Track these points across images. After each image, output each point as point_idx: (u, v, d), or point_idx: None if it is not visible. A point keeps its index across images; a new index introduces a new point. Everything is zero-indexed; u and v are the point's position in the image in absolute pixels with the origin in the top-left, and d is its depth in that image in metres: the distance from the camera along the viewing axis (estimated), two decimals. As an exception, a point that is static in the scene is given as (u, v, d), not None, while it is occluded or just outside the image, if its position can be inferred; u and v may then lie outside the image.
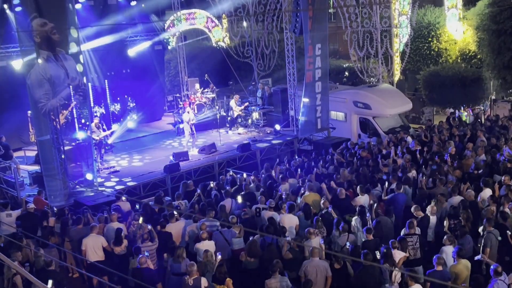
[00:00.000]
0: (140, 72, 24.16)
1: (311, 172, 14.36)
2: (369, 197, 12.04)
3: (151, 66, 24.74)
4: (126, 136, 22.28)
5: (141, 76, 24.27)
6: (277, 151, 20.00)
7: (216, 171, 18.16)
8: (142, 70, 24.23)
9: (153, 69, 24.87)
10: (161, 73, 26.11)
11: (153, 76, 24.97)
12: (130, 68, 23.92)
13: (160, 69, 25.82)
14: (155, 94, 25.35)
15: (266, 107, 23.38)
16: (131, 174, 17.44)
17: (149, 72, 24.60)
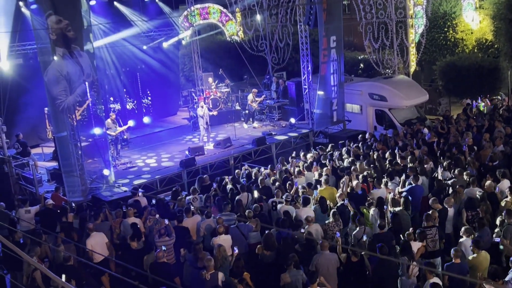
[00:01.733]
0: (155, 68, 24.25)
1: (327, 165, 14.30)
2: (385, 190, 11.96)
3: (166, 61, 24.81)
4: (142, 131, 22.40)
5: (156, 71, 24.37)
6: (293, 144, 19.96)
7: (231, 165, 18.19)
8: (156, 65, 24.31)
9: (167, 64, 24.95)
10: (175, 68, 26.19)
11: (167, 71, 25.06)
12: (144, 64, 24.02)
13: (174, 64, 25.90)
14: (170, 89, 25.46)
15: (281, 100, 23.31)
16: (148, 169, 17.55)
17: (163, 67, 24.68)
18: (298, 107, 22.12)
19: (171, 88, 25.60)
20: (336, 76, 19.96)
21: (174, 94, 26.26)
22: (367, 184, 12.58)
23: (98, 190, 15.42)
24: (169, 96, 25.45)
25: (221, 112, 23.02)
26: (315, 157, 15.78)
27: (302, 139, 20.47)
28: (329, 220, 10.74)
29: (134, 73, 23.74)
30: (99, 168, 16.10)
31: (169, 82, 25.30)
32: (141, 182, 16.23)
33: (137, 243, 10.88)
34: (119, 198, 14.47)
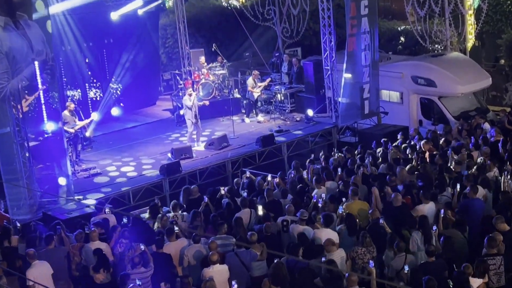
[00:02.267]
0: (126, 43, 24.24)
1: (355, 172, 14.27)
2: (435, 205, 11.93)
3: (142, 34, 24.81)
4: (110, 127, 22.42)
5: (128, 47, 24.34)
6: (310, 144, 19.93)
7: (229, 172, 18.16)
8: (129, 39, 24.29)
9: (144, 38, 24.94)
10: (154, 43, 26.19)
11: (144, 48, 24.99)
12: (113, 38, 24.03)
13: (153, 38, 25.90)
14: (147, 71, 25.41)
15: (295, 86, 23.25)
16: (117, 177, 17.56)
17: (139, 42, 24.65)
18: (318, 95, 22.08)
19: (149, 70, 25.57)
20: (368, 54, 19.89)
21: (153, 78, 26.28)
22: (411, 197, 12.53)
23: (52, 205, 15.41)
24: (146, 80, 25.44)
25: (215, 101, 23.00)
26: (340, 162, 15.74)
27: (323, 137, 20.40)
28: (359, 245, 10.72)
29: (100, 50, 23.74)
30: (52, 176, 16.10)
31: (146, 62, 25.25)
32: (108, 194, 16.22)
33: (103, 275, 10.87)
34: (79, 216, 14.47)
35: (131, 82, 24.55)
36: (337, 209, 12.29)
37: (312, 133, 20.22)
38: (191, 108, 19.40)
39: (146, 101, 25.89)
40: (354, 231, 11.39)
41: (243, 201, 13.07)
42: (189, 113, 19.52)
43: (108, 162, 19.02)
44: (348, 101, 20.15)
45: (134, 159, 19.11)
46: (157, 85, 26.92)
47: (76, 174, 17.47)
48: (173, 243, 11.47)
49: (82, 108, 20.39)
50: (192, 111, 19.41)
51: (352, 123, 20.66)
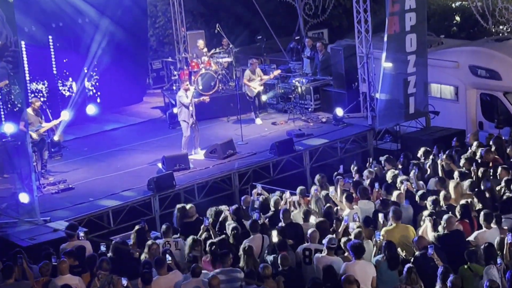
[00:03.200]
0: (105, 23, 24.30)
1: (397, 188, 14.25)
2: (498, 231, 11.89)
3: (124, 12, 24.86)
4: (85, 130, 22.48)
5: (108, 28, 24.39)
6: (339, 153, 19.95)
7: (235, 188, 18.20)
8: (108, 18, 24.35)
9: (127, 17, 24.98)
10: (141, 24, 26.22)
11: (127, 29, 25.05)
12: (88, 16, 24.10)
13: (139, 16, 25.93)
14: (132, 58, 25.47)
15: (320, 78, 23.26)
16: (94, 193, 17.57)
17: (120, 21, 24.70)
18: (349, 90, 22.10)
19: (134, 57, 25.64)
20: (414, 37, 19.93)
21: (139, 68, 26.36)
22: (469, 221, 12.51)
23: (11, 229, 15.44)
24: (130, 70, 25.48)
25: (218, 97, 23.09)
26: (377, 175, 15.71)
27: (356, 143, 20.42)
28: (402, 281, 10.69)
29: (72, 32, 23.83)
30: (12, 192, 16.14)
31: (130, 47, 25.34)
32: (83, 214, 16.24)
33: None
34: (45, 242, 14.46)
35: (111, 73, 24.61)
36: (373, 235, 12.23)
37: (342, 138, 20.22)
38: (188, 107, 19.37)
39: (130, 97, 26.00)
40: (396, 263, 11.33)
41: (254, 224, 13.01)
42: (185, 112, 19.45)
43: (82, 174, 19.04)
44: (389, 97, 20.14)
45: (115, 170, 19.14)
46: (144, 76, 27.03)
47: (41, 189, 17.45)
48: (164, 278, 11.41)
49: (49, 105, 20.47)
50: (189, 110, 19.38)
51: (393, 126, 20.65)
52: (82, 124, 22.60)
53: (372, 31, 20.76)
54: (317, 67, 23.60)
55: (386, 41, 19.83)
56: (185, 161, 18.65)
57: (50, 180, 18.23)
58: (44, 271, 12.02)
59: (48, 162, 18.77)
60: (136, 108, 25.57)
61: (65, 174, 18.86)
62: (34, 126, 17.73)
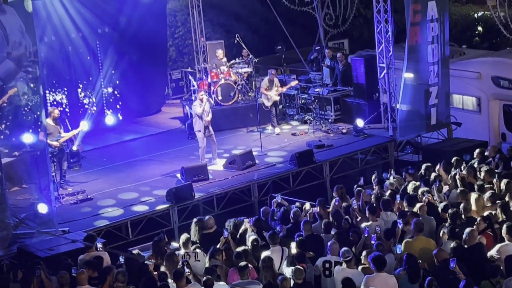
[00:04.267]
0: (125, 33, 24.40)
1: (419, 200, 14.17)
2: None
3: (145, 22, 24.93)
4: (104, 140, 22.56)
5: (128, 38, 24.50)
6: (360, 164, 19.91)
7: (255, 199, 18.18)
8: (128, 28, 24.45)
9: (147, 27, 25.05)
10: (161, 34, 26.28)
11: (147, 39, 25.15)
12: (108, 26, 24.20)
13: (159, 27, 25.99)
14: (151, 68, 25.52)
15: (340, 88, 23.21)
16: (112, 204, 17.62)
17: (140, 31, 24.79)
18: (370, 100, 22.04)
19: (153, 67, 25.69)
20: (436, 48, 19.87)
21: (158, 78, 26.43)
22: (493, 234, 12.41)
23: (29, 239, 15.47)
24: (150, 80, 25.55)
25: (238, 107, 23.11)
26: (398, 187, 15.66)
27: (377, 154, 20.38)
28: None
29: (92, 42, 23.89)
30: (30, 202, 16.18)
31: (150, 57, 25.40)
32: (101, 225, 16.29)
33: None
34: (64, 253, 14.45)
35: (130, 83, 24.73)
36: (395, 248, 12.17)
37: (363, 149, 20.17)
38: (201, 117, 19.35)
39: (149, 107, 26.07)
40: (417, 277, 11.26)
41: (273, 236, 12.97)
42: (199, 122, 19.43)
43: (100, 184, 19.08)
44: (410, 108, 20.07)
45: (134, 181, 19.16)
46: (163, 86, 27.09)
47: (60, 200, 17.52)
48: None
49: (68, 115, 20.56)
50: (203, 120, 19.37)
51: (414, 137, 20.58)
52: (101, 135, 22.68)
53: (393, 42, 20.73)
54: (337, 77, 23.57)
55: (407, 52, 19.78)
56: (204, 172, 18.65)
57: (68, 190, 18.27)
58: (63, 281, 12.06)
59: (67, 172, 18.83)
60: (155, 119, 25.60)
61: (83, 185, 18.88)
62: (54, 136, 17.79)
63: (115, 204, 17.67)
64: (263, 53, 26.88)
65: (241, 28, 26.78)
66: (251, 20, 28.46)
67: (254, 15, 28.31)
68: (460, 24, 28.33)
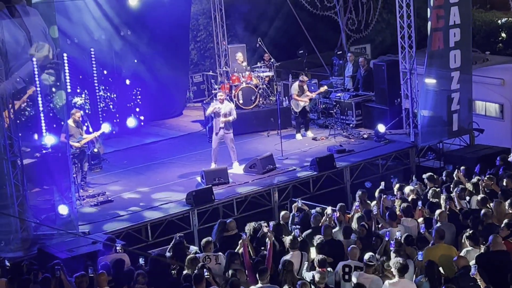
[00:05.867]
0: (147, 35, 24.47)
1: (440, 207, 14.13)
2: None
3: (167, 25, 25.00)
4: (125, 142, 22.67)
5: (150, 41, 24.58)
6: (381, 169, 19.89)
7: (275, 203, 18.18)
8: (151, 31, 24.53)
9: (169, 30, 25.12)
10: (183, 37, 26.35)
11: (169, 42, 25.23)
12: (131, 29, 24.29)
13: (181, 30, 26.07)
14: (173, 71, 25.56)
15: (362, 93, 23.23)
16: (133, 206, 17.69)
17: (163, 34, 24.86)
18: (391, 106, 22.02)
19: (175, 70, 25.73)
20: (458, 54, 19.79)
21: (180, 81, 26.47)
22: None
23: (49, 240, 15.53)
24: (171, 83, 25.64)
25: (259, 111, 23.15)
26: (419, 193, 15.61)
27: (398, 160, 20.34)
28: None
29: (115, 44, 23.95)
30: (51, 203, 16.25)
31: (172, 60, 25.46)
32: (121, 227, 16.34)
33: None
34: (83, 255, 14.54)
35: (152, 86, 24.78)
36: (415, 254, 12.13)
37: (384, 154, 20.16)
38: (214, 118, 19.35)
39: (171, 110, 26.17)
40: (438, 284, 11.22)
41: (293, 241, 12.96)
42: (214, 123, 19.54)
43: (121, 186, 19.18)
44: (432, 114, 20.02)
45: (154, 184, 19.23)
46: (184, 89, 27.15)
47: (81, 201, 17.63)
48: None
49: (90, 117, 20.62)
50: (217, 123, 19.33)
51: (436, 143, 20.51)
52: (122, 137, 22.77)
53: (416, 47, 20.68)
54: (359, 82, 23.58)
55: (429, 57, 19.73)
56: (225, 175, 18.68)
57: (89, 192, 18.36)
58: (79, 282, 12.06)
59: (87, 174, 18.89)
60: (176, 122, 25.66)
61: (104, 187, 18.99)
62: (75, 137, 17.85)
63: (135, 206, 17.73)
64: (284, 57, 26.85)
65: (263, 32, 26.76)
66: (273, 24, 28.44)
67: (276, 20, 28.29)
68: (483, 30, 28.19)
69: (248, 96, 23.13)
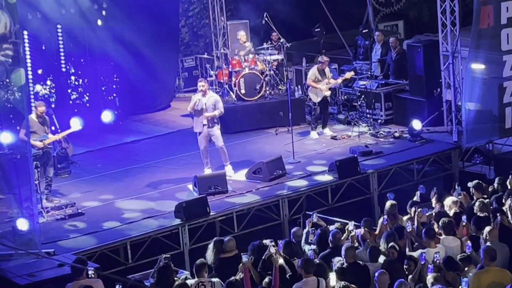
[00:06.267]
0: (126, 10, 24.48)
1: (489, 222, 14.10)
2: None
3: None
4: (100, 142, 22.73)
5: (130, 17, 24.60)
6: (416, 176, 19.91)
7: (284, 217, 18.19)
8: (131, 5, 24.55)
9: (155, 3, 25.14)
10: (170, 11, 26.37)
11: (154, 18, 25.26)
12: (106, 2, 24.29)
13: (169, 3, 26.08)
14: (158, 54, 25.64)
15: (393, 81, 23.28)
16: (108, 220, 17.63)
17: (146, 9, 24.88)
18: (429, 97, 22.06)
19: (161, 52, 25.81)
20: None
21: (167, 66, 26.54)
22: None
23: (5, 262, 15.52)
24: (157, 69, 25.66)
25: (265, 103, 23.24)
26: (463, 205, 15.58)
27: (437, 164, 20.40)
28: None
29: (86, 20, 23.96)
30: (8, 216, 16.26)
31: (157, 40, 25.51)
32: (94, 246, 16.31)
33: None
34: (47, 280, 14.57)
35: (133, 72, 24.80)
36: (458, 281, 12.11)
37: (420, 157, 20.19)
38: (195, 115, 19.33)
39: (156, 102, 26.31)
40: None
41: (307, 264, 12.92)
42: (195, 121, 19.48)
43: (94, 196, 19.15)
44: (479, 107, 20.06)
45: (135, 193, 19.23)
46: (173, 76, 27.25)
47: (44, 214, 17.58)
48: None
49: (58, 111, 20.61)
50: (200, 120, 19.27)
51: (484, 144, 20.55)
52: (95, 135, 22.82)
53: (460, 24, 20.65)
54: (389, 68, 23.57)
55: (476, 37, 19.69)
56: (222, 183, 18.65)
57: (55, 203, 18.28)
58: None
59: (53, 180, 18.86)
60: (163, 116, 25.73)
61: (73, 196, 18.94)
62: (38, 135, 17.82)
63: (111, 220, 17.66)
64: (297, 37, 26.87)
65: (271, 5, 26.72)
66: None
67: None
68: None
69: (252, 84, 23.15)
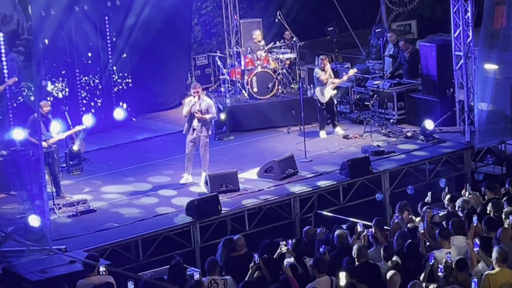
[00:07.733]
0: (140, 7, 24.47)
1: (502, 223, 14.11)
2: None
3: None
4: (111, 139, 22.76)
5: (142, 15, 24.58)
6: (428, 176, 19.89)
7: (296, 216, 18.18)
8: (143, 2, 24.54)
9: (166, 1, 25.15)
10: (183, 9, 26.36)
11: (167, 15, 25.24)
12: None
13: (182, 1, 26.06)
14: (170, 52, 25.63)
15: (405, 81, 23.24)
16: (120, 217, 17.70)
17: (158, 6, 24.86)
18: (442, 97, 22.03)
19: (173, 50, 25.82)
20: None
21: (180, 64, 26.55)
22: None
23: (17, 258, 15.59)
24: (169, 67, 25.67)
25: (277, 102, 23.25)
26: (474, 206, 15.60)
27: (449, 164, 20.37)
28: None
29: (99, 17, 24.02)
30: (19, 212, 16.31)
31: (170, 38, 25.51)
32: (105, 243, 16.34)
33: None
34: (58, 277, 14.57)
35: (145, 69, 24.83)
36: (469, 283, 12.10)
37: (432, 157, 20.18)
38: (189, 119, 19.20)
39: (168, 100, 26.29)
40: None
41: (320, 263, 12.91)
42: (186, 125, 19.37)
43: (106, 193, 19.22)
44: (492, 108, 20.07)
45: (147, 190, 19.30)
46: (185, 74, 27.21)
47: (56, 211, 17.62)
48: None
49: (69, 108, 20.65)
50: (191, 125, 19.20)
51: (497, 144, 20.52)
52: (107, 132, 22.88)
53: (473, 24, 20.63)
54: (402, 67, 23.51)
55: (489, 37, 19.70)
56: (234, 181, 18.69)
57: (66, 199, 18.31)
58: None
59: (65, 177, 18.85)
60: (175, 114, 25.60)
61: (85, 193, 18.99)
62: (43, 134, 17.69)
63: (123, 218, 17.73)
64: (310, 36, 26.82)
65: (284, 4, 26.73)
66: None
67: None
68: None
69: (264, 83, 23.16)
